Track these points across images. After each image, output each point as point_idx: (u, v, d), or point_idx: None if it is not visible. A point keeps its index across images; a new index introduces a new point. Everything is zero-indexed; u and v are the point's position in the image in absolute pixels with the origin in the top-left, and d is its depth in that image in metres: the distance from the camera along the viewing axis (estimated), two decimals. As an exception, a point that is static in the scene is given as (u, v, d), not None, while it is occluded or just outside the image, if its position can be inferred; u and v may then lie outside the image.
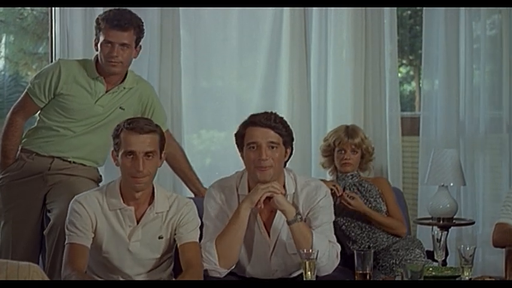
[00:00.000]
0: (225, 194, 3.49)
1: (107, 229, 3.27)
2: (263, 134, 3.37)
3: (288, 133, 3.43)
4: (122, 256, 3.28)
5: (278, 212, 3.44)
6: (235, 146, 3.49)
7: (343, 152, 4.21)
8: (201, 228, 3.40)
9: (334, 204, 3.65)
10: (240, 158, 3.48)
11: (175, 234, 3.31)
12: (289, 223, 3.36)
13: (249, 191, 3.43)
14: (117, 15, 3.70)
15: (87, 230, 3.24)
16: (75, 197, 3.31)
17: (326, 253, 3.36)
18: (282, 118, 3.45)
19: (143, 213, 3.28)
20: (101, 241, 3.27)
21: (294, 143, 3.49)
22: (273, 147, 3.36)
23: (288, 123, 3.47)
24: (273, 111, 3.48)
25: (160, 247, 3.32)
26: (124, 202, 3.27)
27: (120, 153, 3.22)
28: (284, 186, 3.46)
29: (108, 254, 3.29)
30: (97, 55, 3.78)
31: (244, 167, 3.48)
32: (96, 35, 3.76)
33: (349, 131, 4.25)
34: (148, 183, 3.26)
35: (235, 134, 3.47)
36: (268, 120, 3.39)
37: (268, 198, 3.38)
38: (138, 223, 3.28)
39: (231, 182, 3.51)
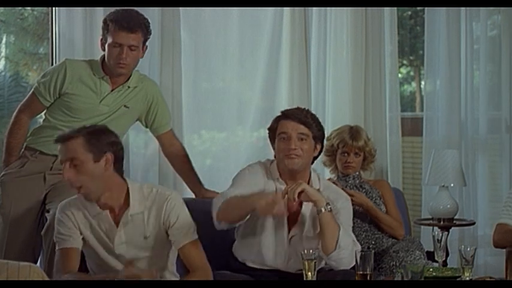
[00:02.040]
0: (265, 174, 3.59)
1: (92, 234, 3.25)
2: (293, 126, 3.53)
3: (318, 129, 3.59)
4: (111, 260, 3.26)
5: (305, 203, 3.49)
6: (268, 140, 3.64)
7: (346, 154, 4.24)
8: (199, 223, 3.37)
9: None
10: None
11: (167, 235, 3.26)
12: (318, 212, 3.40)
13: (280, 176, 3.56)
14: (126, 17, 3.71)
15: (73, 232, 3.23)
16: (58, 205, 3.30)
17: (349, 247, 3.39)
18: (314, 115, 3.62)
19: (122, 215, 3.23)
20: (91, 245, 3.27)
21: (324, 140, 3.65)
22: (302, 139, 3.51)
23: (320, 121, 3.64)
24: (306, 108, 3.68)
25: (148, 246, 3.27)
26: (100, 208, 3.23)
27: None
28: (309, 182, 3.55)
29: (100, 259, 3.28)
30: (103, 55, 3.79)
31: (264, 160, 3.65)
32: (103, 35, 3.76)
33: (353, 133, 4.26)
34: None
35: (268, 128, 3.63)
36: (299, 114, 3.56)
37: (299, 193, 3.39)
38: (118, 226, 3.24)
39: (261, 169, 3.62)
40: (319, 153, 3.64)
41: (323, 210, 3.37)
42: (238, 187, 3.52)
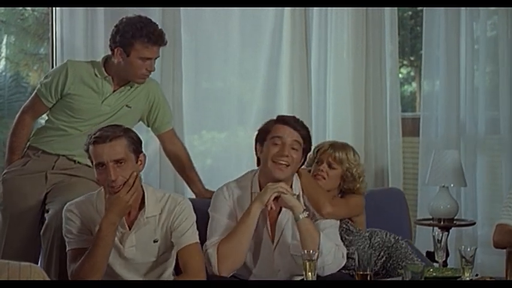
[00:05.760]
0: (238, 193, 3.50)
1: None
2: (290, 132, 3.43)
3: (309, 142, 3.50)
4: (117, 262, 3.26)
5: (283, 210, 3.45)
6: (253, 142, 3.52)
7: (319, 163, 3.75)
8: (200, 224, 3.37)
9: None
10: (254, 155, 3.51)
11: (171, 237, 3.26)
12: (296, 219, 3.37)
13: (260, 189, 3.44)
14: (153, 31, 3.70)
15: (85, 233, 3.22)
16: (67, 204, 3.29)
17: (332, 252, 3.38)
18: (307, 128, 3.52)
19: (135, 219, 3.24)
20: None
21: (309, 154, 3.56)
22: (294, 148, 3.42)
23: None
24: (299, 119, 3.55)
25: (155, 250, 3.28)
26: None
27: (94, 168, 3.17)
28: (290, 187, 3.47)
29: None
30: (105, 56, 3.80)
31: (253, 168, 3.52)
32: (123, 47, 3.68)
33: (336, 144, 3.81)
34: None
35: (259, 129, 3.51)
36: (296, 122, 3.47)
37: (276, 197, 3.39)
38: (130, 229, 3.24)
39: (246, 182, 3.53)
40: (301, 165, 3.54)
41: (300, 217, 3.35)
42: (219, 223, 3.44)
